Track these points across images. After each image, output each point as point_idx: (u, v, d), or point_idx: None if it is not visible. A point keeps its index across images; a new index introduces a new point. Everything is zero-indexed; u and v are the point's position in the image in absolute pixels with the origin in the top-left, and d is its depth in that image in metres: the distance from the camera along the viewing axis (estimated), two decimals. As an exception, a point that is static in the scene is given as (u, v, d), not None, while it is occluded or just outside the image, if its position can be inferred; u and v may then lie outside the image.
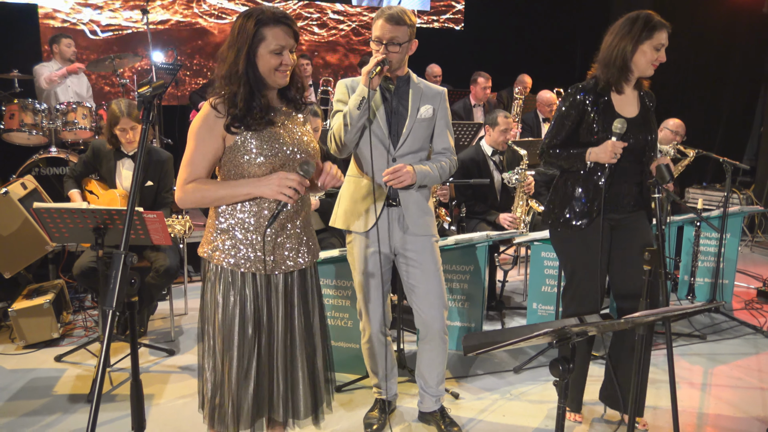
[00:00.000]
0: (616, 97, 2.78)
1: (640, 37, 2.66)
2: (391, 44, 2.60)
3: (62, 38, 5.79)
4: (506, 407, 3.24)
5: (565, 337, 1.57)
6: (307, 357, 2.19)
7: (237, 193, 2.00)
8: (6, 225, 3.85)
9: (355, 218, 2.76)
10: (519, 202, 4.43)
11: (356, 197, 2.76)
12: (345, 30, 8.85)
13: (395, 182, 2.64)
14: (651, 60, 2.68)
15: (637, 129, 2.77)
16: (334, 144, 2.67)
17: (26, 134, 5.12)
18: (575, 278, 2.90)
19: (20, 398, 3.24)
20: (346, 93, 2.69)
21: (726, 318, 4.53)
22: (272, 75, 2.02)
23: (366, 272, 2.80)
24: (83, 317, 4.32)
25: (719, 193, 6.92)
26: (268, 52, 1.98)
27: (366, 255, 2.78)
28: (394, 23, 2.58)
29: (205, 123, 2.02)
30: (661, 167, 2.46)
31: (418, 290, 2.80)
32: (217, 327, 2.08)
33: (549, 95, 6.85)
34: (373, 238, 2.74)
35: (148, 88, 1.55)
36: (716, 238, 4.73)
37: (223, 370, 2.08)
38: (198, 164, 2.01)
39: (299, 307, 2.17)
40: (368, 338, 2.92)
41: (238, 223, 2.07)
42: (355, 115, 2.56)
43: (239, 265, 2.07)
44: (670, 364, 2.44)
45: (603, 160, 2.67)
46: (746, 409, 3.25)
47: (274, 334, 2.12)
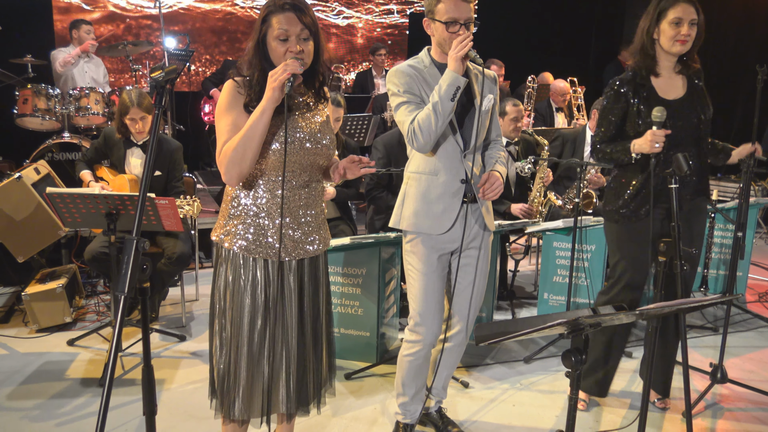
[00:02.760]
0: (657, 82, 2.72)
1: (655, 16, 2.64)
2: (468, 24, 2.35)
3: (83, 24, 5.81)
4: (516, 397, 3.23)
5: (578, 328, 1.56)
6: (315, 344, 2.19)
7: (254, 117, 1.92)
8: (20, 210, 3.88)
9: (429, 219, 2.49)
10: (536, 192, 4.40)
11: (430, 197, 2.49)
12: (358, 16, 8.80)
13: (494, 195, 2.43)
14: (672, 37, 2.60)
15: (685, 111, 2.71)
16: (421, 139, 2.35)
17: (39, 119, 5.14)
18: (619, 269, 2.87)
19: (33, 381, 3.27)
20: (412, 82, 2.43)
21: (739, 310, 4.49)
22: (282, 62, 1.98)
23: (431, 273, 2.53)
24: (95, 302, 4.35)
25: (734, 185, 6.85)
26: (274, 39, 1.98)
27: (434, 255, 2.52)
28: (468, 0, 2.34)
29: (231, 95, 2.02)
30: (679, 156, 2.41)
31: (474, 290, 2.62)
32: (228, 312, 2.08)
33: (562, 84, 6.79)
34: (448, 239, 2.51)
35: (160, 73, 1.54)
36: (731, 229, 4.68)
37: (235, 357, 2.08)
38: (231, 132, 1.98)
39: (309, 294, 2.17)
40: (417, 352, 2.60)
41: (251, 208, 2.07)
42: (448, 107, 2.30)
43: (251, 250, 2.07)
44: (684, 355, 2.43)
45: (646, 150, 2.60)
46: (759, 402, 3.23)
47: (286, 319, 2.11)
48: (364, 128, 5.28)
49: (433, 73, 2.47)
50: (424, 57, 2.52)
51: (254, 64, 2.03)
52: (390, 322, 3.74)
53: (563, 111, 6.89)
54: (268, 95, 1.89)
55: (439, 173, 2.48)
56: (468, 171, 2.49)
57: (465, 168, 2.49)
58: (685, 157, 2.42)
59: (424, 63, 2.50)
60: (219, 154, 1.98)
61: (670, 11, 2.60)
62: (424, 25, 2.47)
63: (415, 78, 2.44)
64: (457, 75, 2.28)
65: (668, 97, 2.71)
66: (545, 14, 9.25)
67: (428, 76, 2.46)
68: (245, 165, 1.93)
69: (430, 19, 2.42)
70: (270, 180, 2.05)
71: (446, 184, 2.48)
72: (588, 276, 3.97)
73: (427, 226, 2.50)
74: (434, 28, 2.42)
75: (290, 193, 2.08)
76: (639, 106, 2.70)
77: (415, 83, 2.44)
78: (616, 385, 3.29)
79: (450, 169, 2.47)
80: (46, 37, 6.85)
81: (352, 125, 5.25)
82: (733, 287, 3.47)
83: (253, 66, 2.03)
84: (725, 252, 4.72)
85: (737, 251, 3.15)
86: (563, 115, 6.90)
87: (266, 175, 2.05)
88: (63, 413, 2.98)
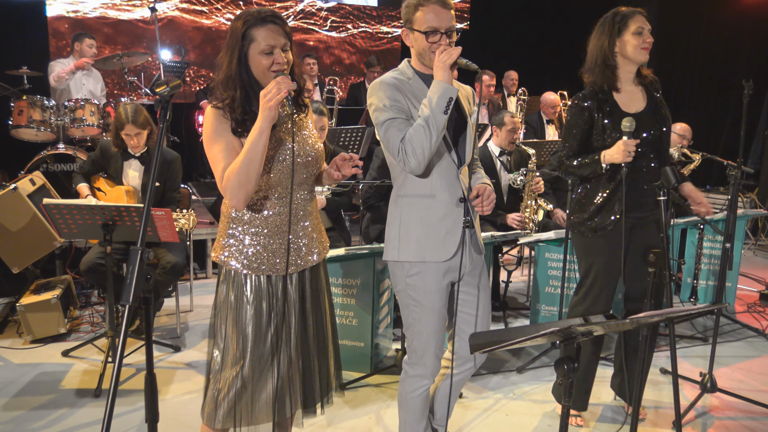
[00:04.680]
0: (618, 96, 2.80)
1: (614, 30, 2.74)
2: (450, 33, 2.20)
3: (85, 38, 5.82)
4: (509, 406, 3.26)
5: (570, 337, 1.60)
6: (319, 353, 2.21)
7: (253, 138, 1.89)
8: (15, 220, 3.89)
9: (432, 245, 2.28)
10: (528, 201, 4.45)
11: (430, 220, 2.28)
12: (352, 29, 8.88)
13: (489, 208, 2.26)
14: (638, 46, 2.70)
15: (648, 122, 2.78)
16: (413, 159, 2.13)
17: (34, 130, 5.16)
18: (590, 279, 2.91)
19: (28, 393, 3.27)
20: (400, 96, 2.23)
21: (728, 321, 4.55)
22: (266, 76, 1.99)
23: (436, 309, 2.32)
24: (90, 313, 4.36)
25: (722, 196, 6.94)
26: (259, 53, 1.96)
27: (440, 288, 2.31)
28: (449, 7, 2.20)
29: (216, 120, 1.99)
30: (667, 169, 2.48)
31: (478, 318, 2.42)
32: (232, 332, 2.08)
33: (553, 97, 6.88)
34: (453, 266, 2.31)
35: (165, 88, 1.58)
36: (719, 240, 4.74)
37: (240, 374, 2.07)
38: (229, 157, 1.96)
39: (313, 303, 2.20)
40: (420, 387, 2.42)
41: (251, 226, 2.08)
42: (441, 121, 2.10)
43: (253, 268, 2.08)
44: (674, 365, 2.46)
45: (618, 160, 2.67)
46: (748, 411, 3.27)
47: (290, 332, 2.13)
48: (358, 140, 5.33)
49: (418, 86, 2.28)
50: (405, 69, 2.32)
51: (235, 82, 1.98)
52: (384, 333, 3.77)
53: (554, 123, 6.98)
54: (264, 115, 1.88)
55: (437, 194, 2.28)
56: (464, 189, 2.31)
57: (462, 186, 2.31)
58: (673, 169, 2.48)
59: (407, 75, 2.30)
60: (221, 181, 1.96)
61: (630, 23, 2.72)
62: (402, 35, 2.30)
63: (402, 91, 2.24)
64: (447, 85, 2.10)
65: (630, 110, 2.78)
66: (537, 27, 9.35)
67: (414, 88, 2.27)
68: (251, 187, 1.93)
69: (408, 29, 2.25)
70: (269, 198, 2.06)
71: (446, 204, 2.28)
72: (580, 286, 4.00)
73: (431, 254, 2.28)
74: (413, 39, 2.24)
75: (287, 208, 2.09)
76: (603, 120, 2.77)
77: (402, 96, 2.23)
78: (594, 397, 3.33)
79: (448, 188, 2.28)
80: (41, 49, 6.87)
81: (347, 137, 5.29)
82: (722, 297, 3.52)
83: (233, 85, 1.98)
84: (714, 263, 4.78)
85: (726, 262, 3.21)
86: (554, 127, 6.98)
87: (264, 192, 2.05)
88: (58, 424, 2.98)
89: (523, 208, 4.48)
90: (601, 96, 2.78)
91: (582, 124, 2.81)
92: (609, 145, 2.75)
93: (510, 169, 4.57)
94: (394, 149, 2.18)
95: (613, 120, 2.75)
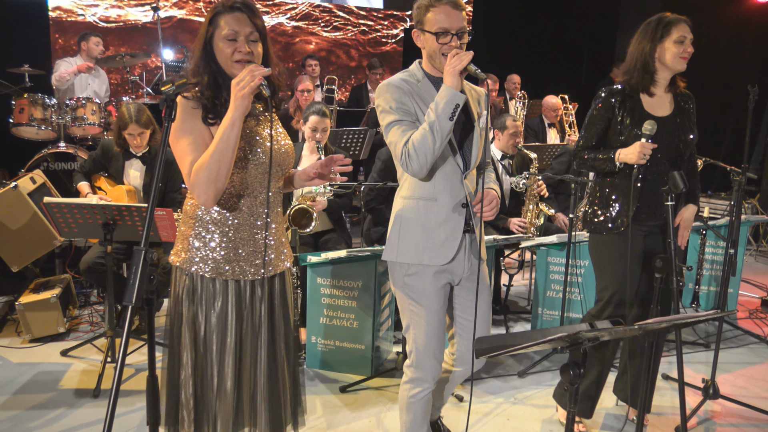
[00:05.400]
0: (646, 98, 2.79)
1: (656, 35, 2.71)
2: (461, 34, 2.18)
3: (92, 36, 5.83)
4: (510, 411, 3.24)
5: (577, 342, 1.58)
6: (288, 360, 2.12)
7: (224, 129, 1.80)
8: (15, 219, 3.87)
9: (431, 249, 2.27)
10: (529, 206, 4.44)
11: (430, 224, 2.28)
12: (353, 30, 8.87)
13: (491, 214, 2.26)
14: (677, 54, 2.68)
15: (669, 130, 2.76)
16: (416, 163, 2.13)
17: (35, 129, 5.14)
18: (607, 284, 2.87)
19: (26, 392, 3.25)
20: (406, 98, 2.23)
21: (730, 327, 4.53)
22: (230, 66, 1.91)
23: (435, 310, 2.32)
24: (89, 312, 4.34)
25: (724, 202, 6.94)
26: (222, 40, 1.89)
27: (438, 290, 2.32)
28: (460, 8, 2.18)
29: (185, 113, 1.89)
30: (675, 174, 2.46)
31: (477, 320, 2.39)
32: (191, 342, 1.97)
33: (554, 100, 6.87)
34: (451, 270, 2.32)
35: (171, 86, 1.56)
36: (722, 246, 4.73)
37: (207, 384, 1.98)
38: (197, 150, 1.86)
39: (280, 310, 2.10)
40: (422, 391, 2.40)
41: (218, 227, 1.97)
42: (447, 127, 2.09)
43: (221, 272, 1.97)
44: (680, 372, 2.45)
45: (632, 160, 2.66)
46: (750, 418, 3.25)
47: (259, 339, 2.03)
48: (360, 142, 5.32)
49: (427, 88, 2.27)
50: (416, 71, 2.32)
51: (201, 68, 1.93)
52: (385, 336, 3.75)
53: (555, 127, 6.97)
54: (236, 104, 1.78)
55: (439, 198, 2.27)
56: (468, 194, 2.29)
57: (466, 191, 2.29)
58: (681, 174, 2.46)
59: (417, 77, 2.30)
60: (189, 176, 1.85)
61: (674, 30, 2.69)
62: (413, 36, 2.29)
63: (409, 93, 2.24)
64: (455, 91, 2.08)
65: (654, 113, 2.77)
66: (538, 31, 9.35)
67: (422, 91, 2.27)
68: (221, 182, 1.81)
69: (419, 30, 2.24)
70: (240, 196, 1.96)
71: (447, 209, 2.27)
72: (582, 291, 4.00)
73: (429, 257, 2.27)
74: (424, 40, 2.24)
75: (261, 209, 2.00)
76: (623, 116, 2.76)
77: (409, 99, 2.23)
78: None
79: (450, 192, 2.27)
80: (42, 47, 6.86)
81: (348, 139, 5.28)
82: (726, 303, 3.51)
83: (200, 71, 1.93)
84: (716, 268, 4.77)
85: (729, 268, 3.19)
86: (555, 131, 6.97)
87: (234, 190, 1.95)
88: (56, 424, 2.96)
89: (525, 213, 4.47)
90: (628, 93, 2.77)
91: (602, 119, 2.80)
92: (626, 143, 2.74)
93: (512, 173, 4.56)
94: (397, 152, 2.18)
95: (633, 119, 2.74)
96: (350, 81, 8.87)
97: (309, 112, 3.93)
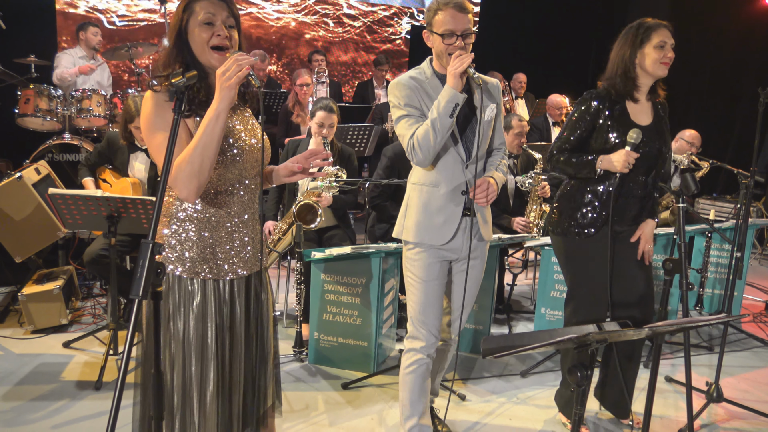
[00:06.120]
0: (630, 105, 2.76)
1: (636, 41, 2.68)
2: (467, 36, 2.36)
3: (89, 26, 5.81)
4: (513, 411, 3.23)
5: (585, 344, 1.57)
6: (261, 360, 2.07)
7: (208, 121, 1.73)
8: (19, 210, 3.87)
9: (430, 230, 2.50)
10: (533, 206, 4.42)
11: (430, 208, 2.50)
12: (359, 27, 8.85)
13: (485, 201, 2.43)
14: (658, 60, 2.65)
15: (651, 138, 2.75)
16: (420, 155, 2.38)
17: (40, 120, 5.13)
18: (577, 287, 2.87)
19: (28, 383, 3.25)
20: (412, 95, 2.44)
21: (734, 330, 4.51)
22: (205, 53, 1.83)
23: (432, 282, 2.53)
24: (92, 304, 4.33)
25: (729, 204, 6.91)
26: (198, 25, 1.81)
27: (435, 265, 2.53)
28: (465, 11, 2.35)
29: (158, 106, 1.80)
30: (687, 176, 2.44)
31: (466, 295, 2.62)
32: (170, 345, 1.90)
33: (559, 99, 6.85)
34: (449, 248, 2.52)
35: (181, 78, 1.54)
36: (727, 249, 4.71)
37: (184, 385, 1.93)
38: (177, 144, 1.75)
39: (256, 310, 2.05)
40: (419, 361, 2.56)
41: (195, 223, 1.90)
42: (447, 123, 2.32)
43: (197, 271, 1.90)
44: (687, 376, 2.44)
45: (615, 168, 2.64)
46: (754, 422, 3.24)
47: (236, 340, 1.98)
48: (366, 138, 5.30)
49: (434, 85, 2.46)
50: (426, 68, 2.52)
51: (174, 57, 1.84)
52: (388, 333, 3.74)
53: (560, 125, 6.95)
54: (222, 95, 1.70)
55: (440, 185, 2.49)
56: (470, 182, 2.48)
57: (467, 179, 2.49)
58: (693, 176, 2.44)
59: (426, 74, 2.49)
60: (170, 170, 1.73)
61: (654, 35, 2.66)
62: (424, 37, 2.48)
63: (416, 90, 2.45)
64: (455, 92, 2.29)
65: (638, 121, 2.75)
66: (545, 32, 9.32)
67: (429, 88, 2.46)
68: (204, 176, 1.74)
69: (429, 31, 2.44)
70: (220, 192, 1.90)
71: (447, 195, 2.49)
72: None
73: (428, 237, 2.50)
74: (433, 40, 2.43)
75: (239, 208, 1.94)
76: (609, 124, 2.73)
77: (415, 96, 2.44)
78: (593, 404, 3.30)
79: (451, 180, 2.48)
80: (49, 38, 6.85)
81: (354, 135, 5.27)
82: (731, 307, 3.50)
83: (172, 61, 1.84)
84: (721, 271, 4.75)
85: (735, 271, 3.18)
86: (559, 130, 6.95)
87: (214, 186, 1.89)
88: (58, 416, 2.95)
89: (528, 213, 4.45)
90: (614, 99, 2.74)
91: (587, 122, 2.77)
92: (609, 149, 2.71)
93: (517, 173, 4.55)
94: (404, 144, 2.44)
95: (619, 126, 2.71)
96: (356, 78, 8.85)
97: (316, 107, 3.92)
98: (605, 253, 2.73)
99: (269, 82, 6.84)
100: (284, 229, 3.92)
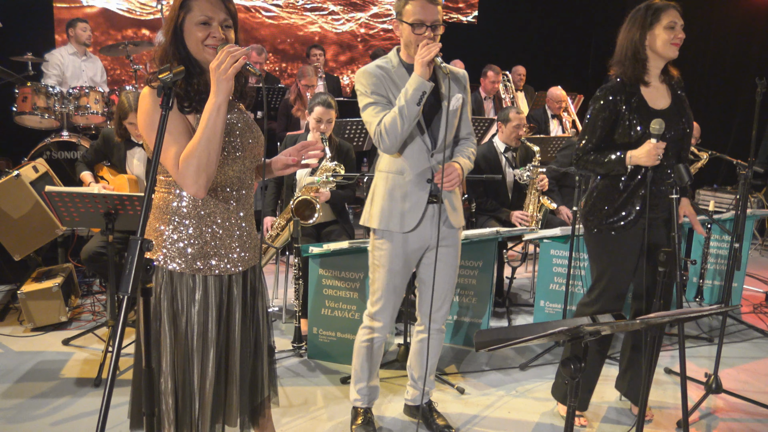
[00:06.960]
0: (645, 91, 2.71)
1: (646, 22, 2.64)
2: (436, 27, 2.39)
3: (78, 22, 5.81)
4: (512, 404, 3.24)
5: (578, 336, 1.56)
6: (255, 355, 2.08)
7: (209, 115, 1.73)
8: (17, 207, 3.87)
9: (395, 217, 2.55)
10: (531, 199, 4.42)
11: (395, 195, 2.55)
12: (357, 21, 8.82)
13: (450, 185, 2.48)
14: (668, 40, 2.61)
15: (672, 120, 2.70)
16: (387, 141, 2.42)
17: (38, 117, 5.13)
18: (604, 281, 2.83)
19: (28, 380, 3.26)
20: (379, 83, 2.47)
21: (734, 321, 4.51)
22: (201, 51, 1.83)
23: (394, 272, 2.61)
24: (91, 301, 4.34)
25: (730, 196, 6.89)
26: (194, 25, 1.81)
27: (399, 254, 2.59)
28: (435, 3, 2.39)
29: (157, 104, 1.76)
30: (680, 167, 2.42)
31: (437, 283, 2.66)
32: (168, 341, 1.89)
33: (558, 92, 6.82)
34: (416, 238, 2.58)
35: (168, 74, 1.54)
36: (726, 240, 4.70)
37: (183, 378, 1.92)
38: (180, 140, 1.79)
39: (251, 305, 2.06)
40: (373, 338, 2.74)
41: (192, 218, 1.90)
42: (414, 111, 2.35)
43: (194, 267, 1.91)
44: (682, 366, 2.43)
45: (645, 162, 2.59)
46: (754, 413, 3.24)
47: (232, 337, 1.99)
48: (364, 132, 5.29)
49: (401, 74, 2.50)
50: (392, 57, 2.56)
51: (170, 54, 1.85)
52: (386, 327, 3.74)
53: (558, 118, 6.93)
54: (220, 87, 1.71)
55: (405, 172, 2.54)
56: (435, 169, 2.53)
57: (432, 167, 2.54)
58: (686, 167, 2.43)
59: (392, 63, 2.53)
60: (176, 167, 1.78)
61: (663, 16, 2.62)
62: (392, 26, 2.52)
63: (382, 78, 2.48)
64: (422, 80, 2.32)
65: (657, 106, 2.70)
66: (544, 25, 9.29)
67: (396, 76, 2.50)
68: (211, 169, 1.76)
69: (398, 20, 2.47)
70: (216, 186, 1.90)
71: (412, 183, 2.53)
72: (584, 284, 3.98)
73: (393, 224, 2.56)
74: (402, 30, 2.46)
75: (237, 203, 1.95)
76: (630, 116, 2.67)
77: (382, 84, 2.48)
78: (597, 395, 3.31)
79: (416, 168, 2.53)
80: (45, 35, 6.84)
81: (352, 129, 5.26)
82: (730, 298, 3.49)
83: (168, 57, 1.85)
84: (721, 262, 4.74)
85: (734, 262, 3.17)
86: (557, 122, 6.93)
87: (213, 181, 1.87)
88: (58, 413, 2.96)
89: (527, 206, 4.45)
90: (628, 89, 2.69)
91: (607, 119, 2.71)
92: (634, 142, 2.66)
93: (515, 166, 4.54)
94: (371, 131, 2.47)
95: (640, 116, 2.66)
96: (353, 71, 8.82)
97: (314, 102, 3.91)
98: (639, 243, 2.71)
99: (268, 78, 6.82)
100: (282, 224, 3.92)
